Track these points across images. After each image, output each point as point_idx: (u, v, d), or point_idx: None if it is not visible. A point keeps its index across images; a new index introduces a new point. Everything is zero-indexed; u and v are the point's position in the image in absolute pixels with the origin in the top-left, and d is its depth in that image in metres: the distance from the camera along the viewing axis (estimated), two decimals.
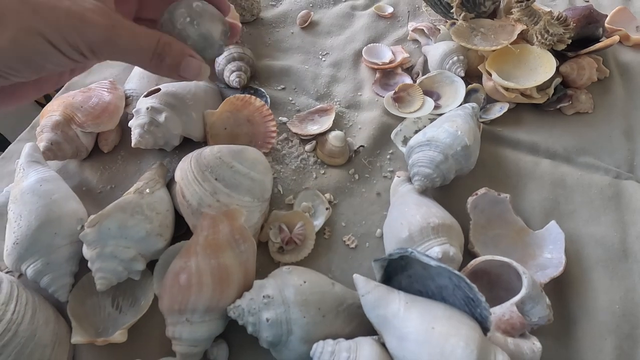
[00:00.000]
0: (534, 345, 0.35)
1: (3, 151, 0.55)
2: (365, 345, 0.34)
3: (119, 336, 0.38)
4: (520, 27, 0.58)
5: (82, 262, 0.42)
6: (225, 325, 0.38)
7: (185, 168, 0.45)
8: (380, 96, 0.59)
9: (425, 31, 0.65)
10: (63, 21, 0.27)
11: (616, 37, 0.60)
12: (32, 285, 0.41)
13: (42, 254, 0.40)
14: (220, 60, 0.59)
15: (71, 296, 0.41)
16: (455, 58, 0.58)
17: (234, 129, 0.52)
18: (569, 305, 0.42)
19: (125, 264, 0.39)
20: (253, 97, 0.53)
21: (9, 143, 0.56)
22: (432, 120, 0.53)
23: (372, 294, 0.35)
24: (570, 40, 0.56)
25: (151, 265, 0.42)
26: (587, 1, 0.73)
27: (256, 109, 0.52)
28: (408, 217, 0.42)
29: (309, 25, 0.70)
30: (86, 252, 0.40)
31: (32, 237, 0.39)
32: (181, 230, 0.46)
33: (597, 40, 0.60)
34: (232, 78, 0.57)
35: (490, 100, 0.58)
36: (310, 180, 0.51)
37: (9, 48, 0.26)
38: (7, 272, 0.42)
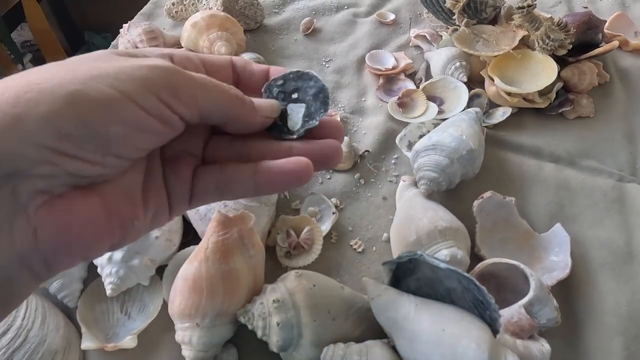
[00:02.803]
0: (542, 347, 0.36)
1: None
2: (375, 349, 0.34)
3: (129, 341, 0.38)
4: (521, 33, 0.59)
5: (91, 268, 0.42)
6: (234, 330, 0.38)
7: None
8: (384, 102, 0.60)
9: (427, 37, 0.66)
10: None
11: (615, 43, 0.61)
12: (41, 291, 0.41)
13: None
14: None
15: (80, 302, 0.41)
16: (458, 64, 0.59)
17: None
18: (576, 307, 0.42)
19: (135, 269, 0.40)
20: None
21: None
22: (435, 125, 0.53)
23: (382, 297, 0.35)
24: (570, 46, 0.57)
25: (159, 270, 0.42)
26: (586, 7, 0.74)
27: None
28: (415, 221, 0.42)
29: (312, 32, 0.70)
30: None
31: None
32: (188, 236, 0.46)
33: (597, 46, 0.61)
34: None
35: (492, 105, 0.58)
36: (316, 185, 0.52)
37: (63, 108, 0.17)
38: None
